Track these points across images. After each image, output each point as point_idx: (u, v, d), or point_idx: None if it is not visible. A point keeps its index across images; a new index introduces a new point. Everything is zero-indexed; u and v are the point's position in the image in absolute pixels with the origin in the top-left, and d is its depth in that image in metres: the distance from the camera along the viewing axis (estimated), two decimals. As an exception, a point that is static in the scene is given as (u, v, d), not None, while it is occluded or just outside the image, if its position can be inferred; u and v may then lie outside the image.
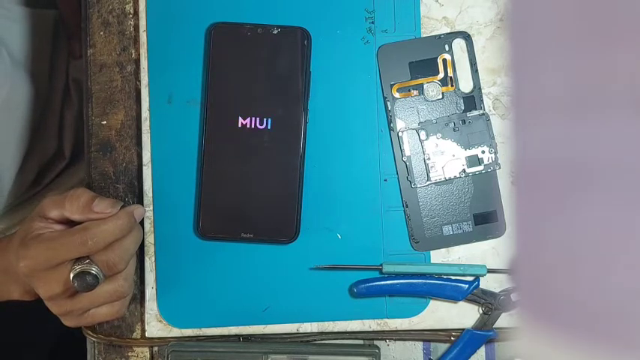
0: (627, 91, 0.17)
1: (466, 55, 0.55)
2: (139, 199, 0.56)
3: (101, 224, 0.49)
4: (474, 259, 0.55)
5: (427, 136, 0.55)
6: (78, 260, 0.49)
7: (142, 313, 0.57)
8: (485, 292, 0.55)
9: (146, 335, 0.56)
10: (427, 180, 0.55)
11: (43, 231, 0.50)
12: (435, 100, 0.55)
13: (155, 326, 0.56)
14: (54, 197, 0.51)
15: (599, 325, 0.18)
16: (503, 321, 0.55)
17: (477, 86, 0.55)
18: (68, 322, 0.52)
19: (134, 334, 0.57)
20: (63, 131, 0.74)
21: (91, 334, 0.57)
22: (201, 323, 0.56)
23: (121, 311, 0.53)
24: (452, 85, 0.55)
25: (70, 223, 0.51)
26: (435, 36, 0.56)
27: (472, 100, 0.55)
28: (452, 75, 0.55)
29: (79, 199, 0.50)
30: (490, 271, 0.55)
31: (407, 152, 0.55)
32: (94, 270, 0.48)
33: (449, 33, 0.56)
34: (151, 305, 0.56)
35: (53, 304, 0.51)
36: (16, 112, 0.68)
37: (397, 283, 0.54)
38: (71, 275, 0.48)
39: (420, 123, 0.55)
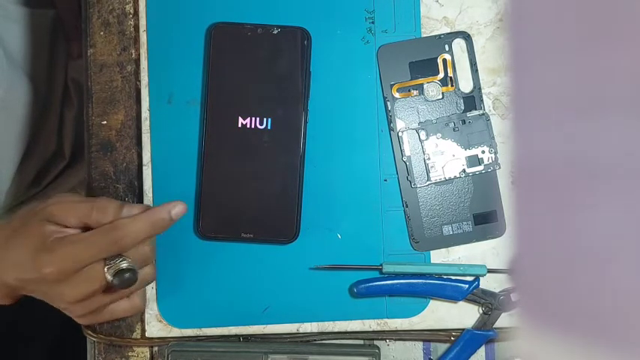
0: (627, 91, 0.17)
1: (466, 55, 0.55)
2: (139, 199, 0.56)
3: (133, 223, 0.48)
4: (474, 259, 0.55)
5: (427, 136, 0.55)
6: (111, 258, 0.48)
7: (142, 313, 0.57)
8: (485, 292, 0.55)
9: (146, 335, 0.56)
10: (427, 180, 0.55)
11: (61, 234, 0.48)
12: (435, 100, 0.55)
13: (155, 326, 0.56)
14: (66, 204, 0.49)
15: (598, 325, 0.18)
16: (503, 321, 0.55)
17: (477, 86, 0.55)
18: (87, 320, 0.51)
19: (134, 334, 0.57)
20: (62, 131, 0.74)
21: (91, 334, 0.57)
22: (201, 323, 0.56)
23: (142, 305, 0.53)
24: (452, 85, 0.55)
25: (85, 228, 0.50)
26: (435, 36, 0.56)
27: (472, 100, 0.55)
28: (452, 75, 0.55)
29: (107, 210, 0.48)
30: (490, 271, 0.55)
31: (407, 152, 0.55)
32: (131, 265, 0.47)
33: (449, 33, 0.56)
34: (151, 305, 0.56)
35: (78, 306, 0.49)
36: (14, 113, 0.68)
37: (397, 283, 0.54)
38: (109, 274, 0.47)
39: (420, 123, 0.55)
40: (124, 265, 0.47)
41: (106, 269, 0.47)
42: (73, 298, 0.48)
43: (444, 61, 0.55)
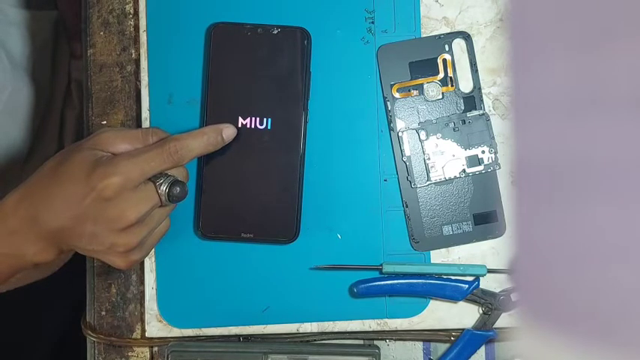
0: (627, 91, 0.17)
1: (466, 55, 0.55)
2: (139, 199, 0.56)
3: (190, 138, 0.50)
4: (474, 259, 0.55)
5: (427, 136, 0.55)
6: (157, 176, 0.49)
7: (142, 313, 0.57)
8: (485, 292, 0.55)
9: (146, 335, 0.56)
10: (427, 180, 0.55)
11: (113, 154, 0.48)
12: (435, 100, 0.55)
13: (155, 326, 0.56)
14: (112, 132, 0.50)
15: (598, 324, 0.18)
16: (503, 321, 0.55)
17: (477, 86, 0.55)
18: (130, 259, 0.49)
19: (134, 334, 0.57)
20: (64, 132, 0.74)
21: (91, 334, 0.57)
22: (201, 323, 0.56)
23: (169, 225, 0.53)
24: (452, 85, 0.55)
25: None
26: (435, 36, 0.56)
27: (472, 100, 0.55)
28: (452, 75, 0.55)
29: (156, 133, 0.50)
30: (490, 271, 0.55)
31: (407, 152, 0.55)
32: (180, 178, 0.50)
33: (449, 33, 0.56)
34: (151, 305, 0.56)
35: (128, 234, 0.48)
36: (19, 115, 0.68)
37: (397, 283, 0.54)
38: (164, 188, 0.48)
39: (420, 123, 0.55)
40: (179, 178, 0.49)
41: (157, 186, 0.48)
42: (131, 219, 0.47)
43: (444, 61, 0.55)
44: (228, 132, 0.52)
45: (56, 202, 0.47)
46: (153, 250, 0.55)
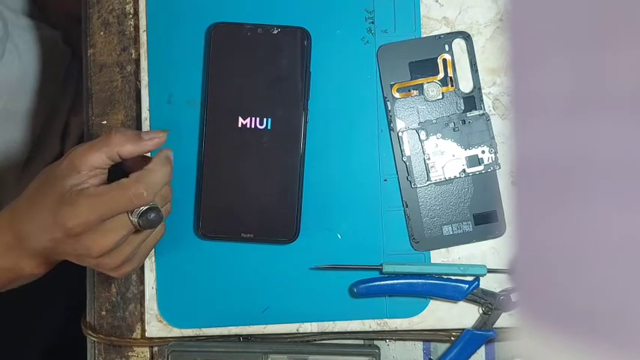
0: (627, 91, 0.17)
1: (466, 55, 0.55)
2: (139, 199, 0.56)
3: (152, 174, 0.48)
4: (473, 259, 0.55)
5: (427, 136, 0.55)
6: None
7: (142, 313, 0.57)
8: (485, 292, 0.55)
9: (146, 335, 0.56)
10: (427, 180, 0.55)
11: (84, 186, 0.47)
12: (435, 100, 0.55)
13: (155, 326, 0.56)
14: (85, 148, 0.48)
15: (598, 325, 0.18)
16: (503, 321, 0.55)
17: (477, 86, 0.55)
18: (120, 272, 0.50)
19: (134, 334, 0.57)
20: (67, 137, 0.75)
21: (91, 334, 0.57)
22: (201, 323, 0.56)
23: (163, 233, 0.52)
24: (452, 85, 0.55)
25: (101, 176, 0.49)
26: (435, 36, 0.56)
27: (472, 100, 0.55)
28: (452, 75, 0.55)
29: (125, 133, 0.48)
30: (490, 271, 0.55)
31: (407, 152, 0.55)
32: (153, 204, 0.47)
33: (449, 33, 0.56)
34: (151, 305, 0.56)
35: (108, 258, 0.48)
36: (21, 120, 0.68)
37: (397, 283, 0.54)
38: (134, 218, 0.47)
39: (420, 123, 0.55)
40: (154, 204, 0.47)
41: (129, 214, 0.47)
42: (104, 249, 0.47)
43: (444, 61, 0.55)
44: (168, 152, 0.50)
45: (35, 225, 0.48)
46: (153, 249, 0.55)
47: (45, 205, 0.47)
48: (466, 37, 0.55)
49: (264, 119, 0.54)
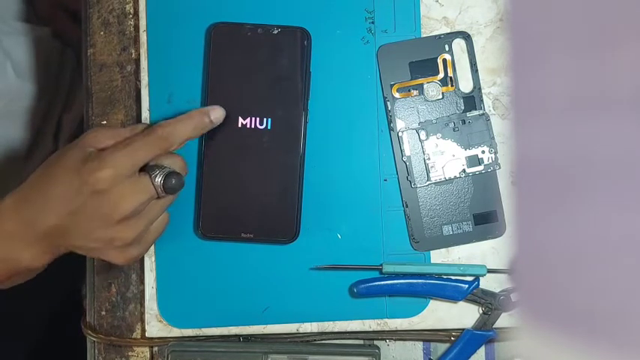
0: (627, 91, 0.17)
1: (466, 55, 0.55)
2: (139, 199, 0.56)
3: (178, 123, 0.49)
4: (473, 259, 0.55)
5: (427, 136, 0.55)
6: (152, 168, 0.48)
7: (142, 313, 0.57)
8: (485, 292, 0.55)
9: (146, 335, 0.56)
10: (427, 180, 0.55)
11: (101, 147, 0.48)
12: (435, 100, 0.55)
13: (155, 326, 0.56)
14: (104, 131, 0.49)
15: (598, 325, 0.18)
16: (503, 321, 0.55)
17: (477, 86, 0.55)
18: (129, 254, 0.49)
19: (134, 334, 0.57)
20: (59, 135, 0.75)
21: (91, 334, 0.57)
22: (201, 323, 0.56)
23: (168, 219, 0.52)
24: (452, 85, 0.55)
25: None
26: (435, 36, 0.56)
27: (472, 100, 0.55)
28: (452, 75, 0.55)
29: (139, 127, 0.50)
30: (490, 271, 0.55)
31: (407, 152, 0.55)
32: (177, 170, 0.49)
33: (449, 33, 0.56)
34: (151, 305, 0.56)
35: (125, 226, 0.47)
36: (18, 119, 0.68)
37: (397, 283, 0.54)
38: (159, 179, 0.48)
39: (420, 123, 0.55)
40: (168, 171, 0.49)
41: (152, 178, 0.48)
42: (127, 209, 0.47)
43: (444, 61, 0.55)
44: (216, 114, 0.52)
45: (50, 201, 0.47)
46: (153, 249, 0.55)
47: (63, 175, 0.47)
48: (466, 37, 0.55)
49: (264, 119, 0.54)
